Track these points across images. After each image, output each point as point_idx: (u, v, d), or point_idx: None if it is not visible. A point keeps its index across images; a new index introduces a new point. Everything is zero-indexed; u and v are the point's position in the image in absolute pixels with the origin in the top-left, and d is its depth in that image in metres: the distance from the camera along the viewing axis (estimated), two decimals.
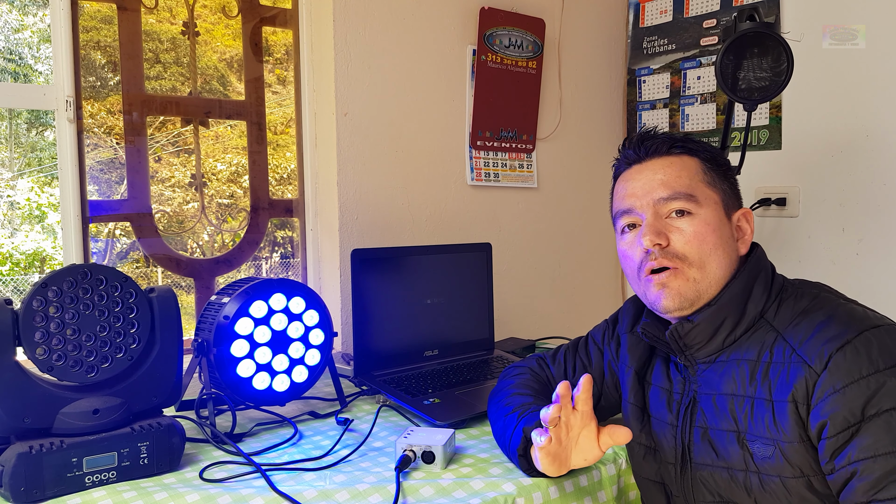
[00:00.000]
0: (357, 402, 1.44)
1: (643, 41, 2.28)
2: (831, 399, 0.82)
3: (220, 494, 0.97)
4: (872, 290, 1.81)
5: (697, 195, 0.96)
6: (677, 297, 0.95)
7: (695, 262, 0.94)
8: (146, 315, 1.06)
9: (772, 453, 0.88)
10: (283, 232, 1.93)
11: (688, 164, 0.99)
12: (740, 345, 0.95)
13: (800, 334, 0.88)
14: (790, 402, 0.86)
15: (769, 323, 0.93)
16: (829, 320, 0.87)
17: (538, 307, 2.18)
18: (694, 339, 0.96)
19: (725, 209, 0.98)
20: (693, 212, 0.96)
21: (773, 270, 0.99)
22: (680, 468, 1.01)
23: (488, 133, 2.02)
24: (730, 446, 0.93)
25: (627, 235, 1.01)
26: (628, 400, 1.09)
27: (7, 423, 0.96)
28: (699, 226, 0.95)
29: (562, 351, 1.23)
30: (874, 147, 1.79)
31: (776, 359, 0.89)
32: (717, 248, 0.95)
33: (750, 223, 1.00)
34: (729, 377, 0.94)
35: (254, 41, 1.78)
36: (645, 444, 1.06)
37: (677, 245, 0.95)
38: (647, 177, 0.99)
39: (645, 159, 1.01)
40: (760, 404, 0.90)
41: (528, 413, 1.03)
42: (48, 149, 1.90)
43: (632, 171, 1.02)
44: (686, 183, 0.97)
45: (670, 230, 0.95)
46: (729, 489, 0.95)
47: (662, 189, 0.97)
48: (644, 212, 0.97)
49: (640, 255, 0.97)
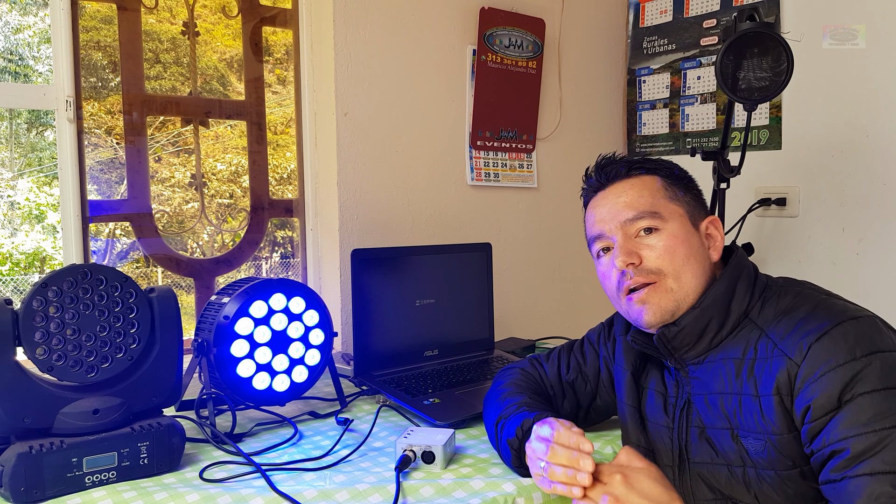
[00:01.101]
0: (357, 402, 1.44)
1: (643, 41, 2.28)
2: (811, 387, 0.85)
3: (220, 494, 0.97)
4: (872, 290, 1.81)
5: (661, 211, 1.00)
6: (658, 311, 0.98)
7: (670, 274, 0.97)
8: (146, 315, 1.06)
9: (763, 447, 0.91)
10: (283, 232, 1.93)
11: (648, 183, 1.03)
12: (727, 344, 0.97)
13: (781, 329, 0.91)
14: (774, 395, 0.89)
15: (753, 322, 0.96)
16: (809, 315, 0.89)
17: (538, 307, 2.18)
18: (681, 342, 0.98)
19: (692, 220, 1.02)
20: (660, 227, 0.99)
21: (756, 270, 1.02)
22: (678, 469, 1.02)
23: (488, 133, 2.02)
24: (726, 443, 0.95)
25: (603, 259, 1.05)
26: (625, 402, 1.10)
27: (7, 423, 0.96)
28: (667, 240, 0.98)
29: (556, 351, 1.25)
30: (874, 147, 1.79)
31: (760, 354, 0.92)
32: (688, 258, 0.98)
33: (718, 230, 1.04)
34: (717, 376, 0.96)
35: (254, 41, 1.78)
36: (644, 446, 1.07)
37: (649, 261, 0.98)
38: (611, 201, 1.03)
39: (607, 185, 1.06)
40: (748, 400, 0.92)
41: (513, 415, 1.05)
42: (48, 149, 1.90)
43: (597, 197, 1.07)
44: (649, 201, 1.01)
45: (641, 248, 0.99)
46: (728, 485, 0.96)
47: (627, 210, 1.01)
48: (614, 234, 1.01)
49: (617, 276, 1.00)
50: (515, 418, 1.03)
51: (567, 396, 1.19)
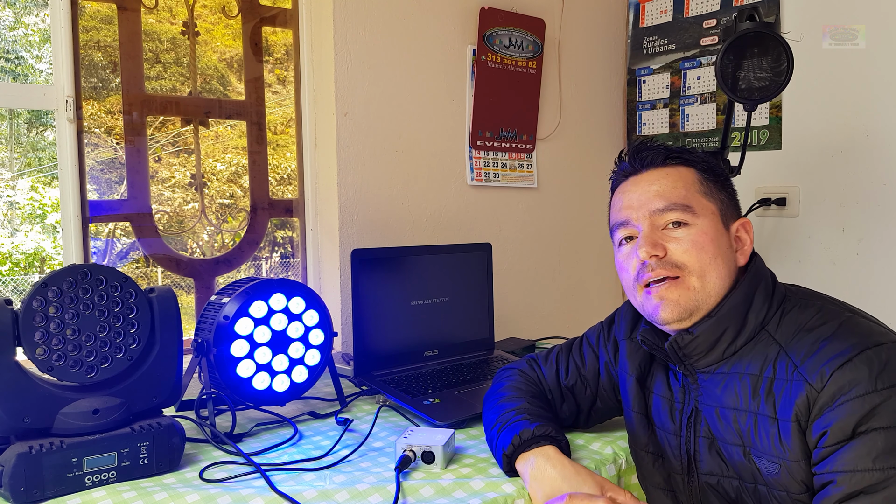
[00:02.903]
0: (357, 402, 1.44)
1: (643, 41, 2.28)
2: (829, 414, 0.82)
3: (220, 494, 0.97)
4: (872, 290, 1.81)
5: (694, 206, 0.95)
6: (675, 307, 0.94)
7: (694, 271, 0.93)
8: (146, 315, 1.06)
9: (777, 470, 0.88)
10: (283, 232, 1.93)
11: (684, 174, 0.98)
12: (741, 356, 0.93)
13: (802, 350, 0.87)
14: (794, 422, 0.86)
15: (771, 335, 0.92)
16: (832, 336, 0.86)
17: (538, 307, 2.18)
18: (694, 350, 0.95)
19: (723, 219, 0.97)
20: (690, 222, 0.95)
21: (774, 279, 0.98)
22: (687, 477, 1.01)
23: (488, 133, 2.02)
24: (737, 459, 0.93)
25: (624, 248, 1.00)
26: (632, 408, 1.08)
27: (7, 423, 0.96)
28: (697, 235, 0.94)
29: (554, 352, 1.22)
30: (874, 147, 1.79)
31: (779, 375, 0.89)
32: (715, 257, 0.94)
33: (749, 233, 0.99)
34: (731, 391, 0.93)
35: (254, 41, 1.78)
36: (652, 452, 1.05)
37: (675, 254, 0.94)
38: (643, 188, 0.98)
39: (640, 171, 1.00)
40: (764, 421, 0.89)
41: (511, 423, 1.04)
42: (48, 149, 1.90)
43: (628, 183, 1.01)
44: (682, 194, 0.96)
45: (667, 240, 0.95)
46: (738, 498, 0.95)
47: (658, 200, 0.96)
48: (640, 223, 0.97)
49: (637, 267, 0.96)
50: (514, 426, 1.02)
51: (566, 400, 1.17)
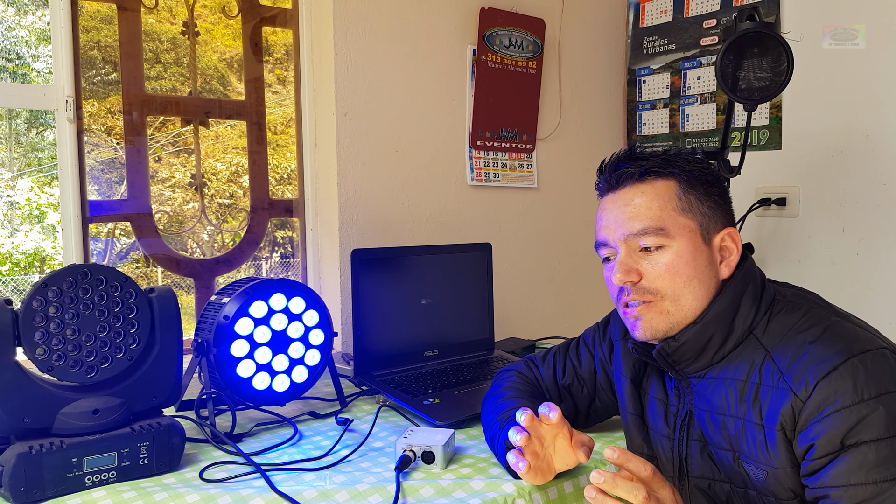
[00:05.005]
0: (357, 402, 1.44)
1: (643, 41, 2.28)
2: (815, 426, 0.82)
3: (220, 494, 0.97)
4: (872, 290, 1.81)
5: (668, 227, 0.93)
6: (650, 328, 0.95)
7: (668, 296, 0.93)
8: (146, 315, 1.06)
9: (765, 477, 0.89)
10: (283, 232, 1.93)
11: (661, 191, 0.95)
12: (730, 361, 0.94)
13: (788, 354, 0.87)
14: (779, 431, 0.86)
15: (758, 340, 0.92)
16: (817, 342, 0.86)
17: (538, 307, 2.18)
18: (682, 357, 0.95)
19: (704, 234, 0.95)
20: (665, 244, 0.93)
21: (763, 281, 0.97)
22: (678, 480, 1.01)
23: (488, 133, 2.02)
24: (728, 464, 0.94)
25: (607, 265, 1.01)
26: (627, 409, 1.08)
27: (7, 423, 0.96)
28: (671, 258, 0.93)
29: (552, 353, 1.23)
30: (874, 147, 1.79)
31: (765, 381, 0.89)
32: (691, 280, 0.93)
33: (736, 242, 0.96)
34: (720, 396, 0.93)
35: (254, 41, 1.78)
36: (647, 454, 1.06)
37: (648, 280, 0.94)
38: (619, 209, 0.97)
39: (617, 188, 0.99)
40: (751, 427, 0.90)
41: (510, 421, 1.04)
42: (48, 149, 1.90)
43: (606, 200, 1.00)
44: (657, 215, 0.94)
45: (642, 264, 0.94)
46: (729, 502, 0.96)
47: (633, 222, 0.95)
48: (617, 246, 0.97)
49: (616, 287, 0.97)
50: (514, 421, 1.02)
51: (564, 400, 1.18)
